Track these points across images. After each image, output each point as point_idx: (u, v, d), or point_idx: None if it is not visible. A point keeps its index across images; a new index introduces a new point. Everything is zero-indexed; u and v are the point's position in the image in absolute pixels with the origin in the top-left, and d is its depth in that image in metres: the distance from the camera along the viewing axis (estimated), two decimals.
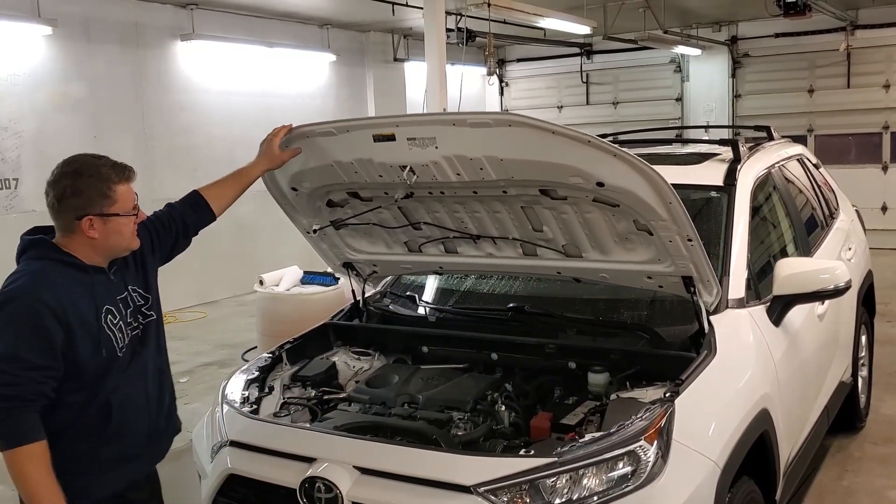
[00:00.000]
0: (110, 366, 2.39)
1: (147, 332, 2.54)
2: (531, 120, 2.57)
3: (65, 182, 2.32)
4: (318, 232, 3.39)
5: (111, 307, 2.41)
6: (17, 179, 8.24)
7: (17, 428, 2.20)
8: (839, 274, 3.31)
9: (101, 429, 2.41)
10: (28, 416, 2.21)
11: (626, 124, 13.20)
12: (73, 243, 2.37)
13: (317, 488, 2.50)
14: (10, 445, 2.20)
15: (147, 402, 2.53)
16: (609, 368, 3.03)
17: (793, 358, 3.41)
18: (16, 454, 2.20)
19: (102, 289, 2.40)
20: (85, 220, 2.32)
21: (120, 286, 2.47)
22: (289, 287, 6.12)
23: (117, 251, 2.43)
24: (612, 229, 2.89)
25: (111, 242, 2.38)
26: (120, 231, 2.38)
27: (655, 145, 5.20)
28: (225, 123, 10.35)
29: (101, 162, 2.38)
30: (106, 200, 2.33)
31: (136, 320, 2.50)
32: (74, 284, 2.33)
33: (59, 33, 8.30)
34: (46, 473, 2.22)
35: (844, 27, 11.81)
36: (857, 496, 4.25)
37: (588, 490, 2.36)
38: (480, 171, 2.77)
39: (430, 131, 2.73)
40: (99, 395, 2.38)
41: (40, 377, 2.23)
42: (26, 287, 2.28)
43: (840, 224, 4.95)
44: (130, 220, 2.40)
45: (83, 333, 2.31)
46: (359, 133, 2.86)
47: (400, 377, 3.21)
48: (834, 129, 12.49)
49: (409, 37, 12.68)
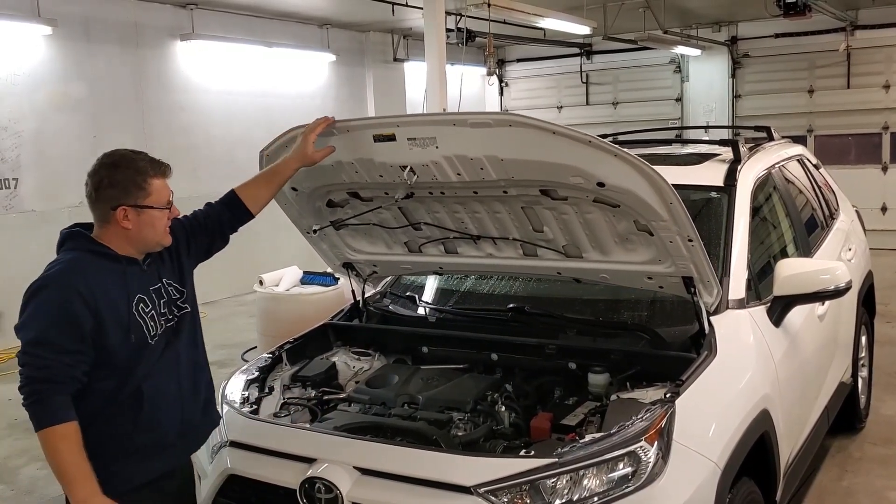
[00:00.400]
0: (141, 353, 2.44)
1: (181, 325, 2.59)
2: (531, 120, 2.57)
3: (102, 173, 2.41)
4: (318, 232, 3.39)
5: (143, 296, 2.46)
6: (17, 179, 8.24)
7: (49, 409, 2.27)
8: (839, 275, 3.31)
9: (133, 416, 2.45)
10: (59, 398, 2.28)
11: (625, 125, 13.18)
12: (108, 234, 2.44)
13: (317, 489, 2.50)
14: (43, 426, 2.27)
15: (180, 392, 2.57)
16: (609, 369, 3.03)
17: (793, 358, 3.41)
18: (48, 434, 2.27)
19: (135, 278, 2.46)
20: (119, 210, 2.39)
21: (153, 277, 2.53)
22: (288, 287, 6.12)
23: (149, 245, 2.49)
24: (613, 230, 2.89)
25: (144, 234, 2.44)
26: (153, 224, 2.44)
27: (655, 146, 5.20)
28: (224, 123, 10.35)
29: (139, 156, 2.47)
30: (141, 192, 2.41)
31: (170, 312, 2.55)
32: (106, 273, 2.40)
33: (59, 33, 8.30)
34: (78, 453, 2.28)
35: (844, 27, 11.82)
36: (857, 497, 4.25)
37: (588, 491, 2.36)
38: (481, 171, 2.77)
39: (431, 131, 2.73)
40: (130, 382, 2.44)
41: (70, 361, 2.30)
42: (59, 275, 2.36)
43: (840, 224, 4.95)
44: (164, 215, 2.47)
45: (113, 320, 2.37)
46: (359, 133, 2.86)
47: (400, 377, 3.21)
48: (834, 129, 12.50)
49: (409, 37, 12.68)
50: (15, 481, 4.94)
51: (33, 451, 5.33)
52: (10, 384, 6.92)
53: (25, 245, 8.17)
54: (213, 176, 10.09)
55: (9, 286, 8.09)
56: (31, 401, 2.29)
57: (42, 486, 4.82)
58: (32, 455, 5.27)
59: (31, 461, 5.19)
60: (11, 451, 5.39)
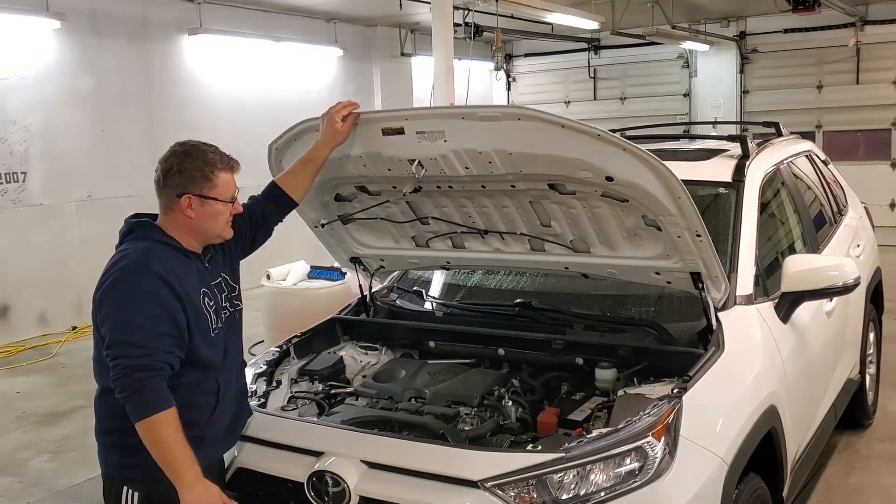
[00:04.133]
0: (211, 347, 2.48)
1: (236, 320, 2.65)
2: (541, 113, 2.57)
3: (172, 160, 2.45)
4: (325, 226, 3.40)
5: (206, 290, 2.51)
6: (26, 173, 8.27)
7: (154, 396, 2.28)
8: (848, 271, 3.30)
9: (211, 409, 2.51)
10: (161, 384, 2.30)
11: (633, 120, 13.16)
12: (172, 223, 2.47)
13: (324, 482, 2.51)
14: (147, 414, 2.27)
15: (235, 387, 2.64)
16: (616, 364, 3.03)
17: (801, 355, 3.40)
18: (154, 421, 2.27)
19: (200, 273, 2.51)
20: (184, 197, 2.43)
21: (215, 272, 2.59)
22: (296, 282, 6.13)
23: (210, 236, 2.53)
24: (621, 224, 2.88)
25: (206, 226, 2.48)
26: (215, 216, 2.48)
27: (663, 141, 5.18)
28: (231, 117, 10.35)
29: (210, 148, 2.51)
30: (207, 183, 2.44)
31: (230, 306, 2.62)
32: (178, 262, 2.43)
33: (67, 27, 8.32)
34: (182, 438, 2.30)
35: (854, 23, 11.75)
36: (865, 493, 4.24)
37: (595, 486, 2.36)
38: (489, 165, 2.77)
39: (440, 125, 2.73)
40: (211, 374, 2.50)
41: (168, 345, 2.33)
42: (139, 262, 2.37)
43: (848, 221, 4.94)
44: (227, 208, 2.51)
45: (192, 310, 2.41)
46: (368, 126, 2.86)
47: (407, 372, 3.22)
48: (842, 125, 12.44)
49: (417, 31, 12.66)
50: (23, 474, 4.97)
51: (41, 444, 5.36)
52: (17, 377, 6.96)
53: (33, 238, 8.21)
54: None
55: (17, 279, 8.17)
56: (134, 390, 2.27)
57: (50, 479, 4.84)
58: (41, 447, 5.30)
59: (40, 453, 5.21)
60: (20, 443, 5.42)
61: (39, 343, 7.99)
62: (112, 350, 2.31)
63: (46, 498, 4.64)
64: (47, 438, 5.43)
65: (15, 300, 8.15)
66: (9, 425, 5.79)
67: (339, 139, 2.88)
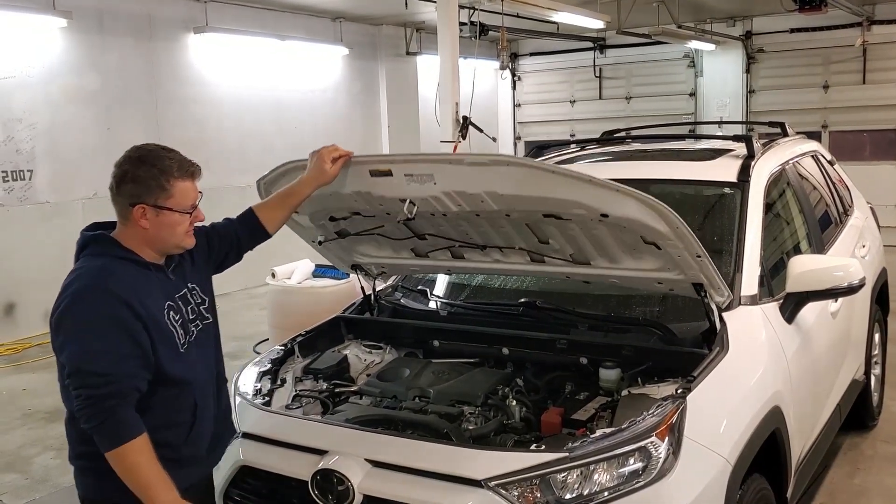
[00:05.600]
0: (180, 363, 2.35)
1: (208, 333, 2.52)
2: (530, 161, 2.62)
3: (126, 167, 2.30)
4: (322, 244, 3.41)
5: (171, 303, 2.38)
6: (32, 171, 8.30)
7: (122, 425, 2.18)
8: (853, 271, 3.29)
9: (188, 428, 2.40)
10: (128, 411, 2.19)
11: (638, 119, 13.17)
12: (128, 234, 2.33)
13: (328, 481, 2.51)
14: (116, 445, 2.18)
15: (214, 404, 2.52)
16: (620, 364, 3.03)
17: (805, 355, 3.39)
18: (125, 451, 2.18)
19: (163, 286, 2.38)
20: (138, 207, 2.28)
21: (179, 284, 2.44)
22: (300, 280, 6.14)
23: (168, 247, 2.38)
24: (620, 242, 2.87)
25: (163, 236, 2.34)
26: (172, 227, 2.33)
27: (669, 140, 5.18)
28: (237, 116, 10.38)
29: (167, 154, 2.34)
30: (162, 193, 2.29)
31: (199, 317, 2.48)
32: (138, 278, 2.30)
33: (74, 26, 8.34)
34: (155, 462, 2.21)
35: (860, 22, 11.71)
36: (869, 494, 4.23)
37: (599, 485, 2.36)
38: (481, 203, 2.79)
39: (428, 168, 2.75)
40: (185, 392, 2.37)
41: (132, 368, 2.21)
42: (94, 282, 2.24)
43: (854, 221, 4.92)
44: (185, 219, 2.35)
45: (154, 328, 2.28)
46: (356, 168, 2.86)
47: (411, 371, 3.22)
48: (849, 125, 12.41)
49: (422, 30, 12.66)
50: (29, 470, 4.99)
51: (47, 441, 5.38)
52: (24, 374, 6.99)
53: (39, 236, 8.24)
54: (225, 169, 10.12)
55: (23, 277, 8.19)
56: (100, 421, 2.17)
57: (55, 476, 4.86)
58: (46, 444, 5.32)
59: (45, 450, 5.23)
60: (25, 440, 5.44)
61: (45, 341, 7.96)
62: (73, 380, 2.20)
63: (52, 495, 4.66)
64: (53, 435, 5.45)
65: (21, 298, 8.18)
66: (14, 422, 5.82)
67: (325, 180, 2.79)
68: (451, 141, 7.83)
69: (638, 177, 4.09)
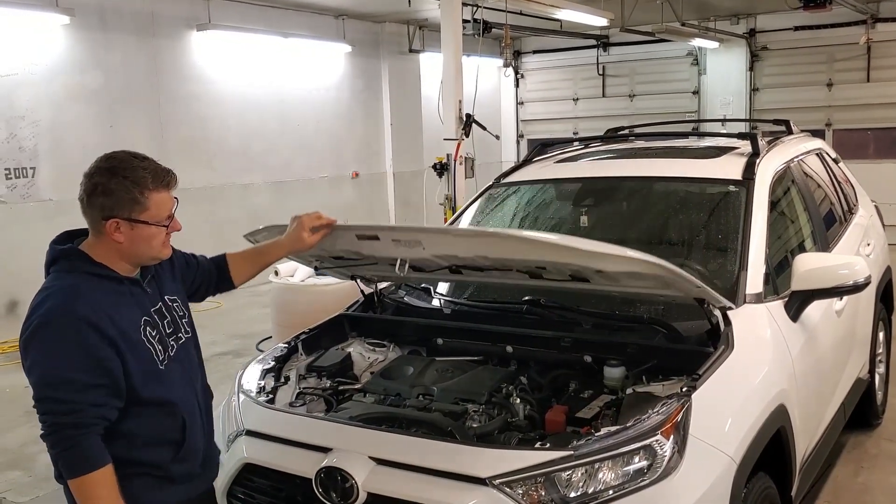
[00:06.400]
0: (164, 382, 2.27)
1: (188, 347, 2.42)
2: (517, 233, 2.63)
3: (97, 178, 2.17)
4: (319, 270, 3.44)
5: (148, 319, 2.27)
6: (34, 168, 8.30)
7: (85, 455, 2.09)
8: (858, 270, 3.28)
9: (177, 447, 2.31)
10: (92, 441, 2.10)
11: (642, 117, 13.16)
12: (100, 247, 2.21)
13: (332, 478, 2.51)
14: (77, 474, 2.10)
15: (201, 420, 2.42)
16: (625, 362, 3.01)
17: (810, 354, 3.38)
18: (85, 481, 2.10)
19: (138, 300, 2.27)
20: (111, 222, 2.16)
21: (155, 297, 2.34)
22: (304, 278, 6.14)
23: (144, 259, 2.28)
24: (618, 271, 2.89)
25: (138, 250, 2.22)
26: (148, 240, 2.21)
27: (673, 138, 5.16)
28: (240, 114, 10.38)
29: (142, 164, 2.20)
30: (137, 206, 2.16)
31: (177, 331, 2.37)
32: (111, 296, 2.18)
33: (77, 23, 8.34)
34: (116, 497, 2.13)
35: (865, 20, 11.69)
36: (873, 493, 4.23)
37: (604, 484, 2.36)
38: (473, 261, 2.85)
39: (415, 236, 2.79)
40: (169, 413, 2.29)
41: (98, 398, 2.10)
42: (61, 305, 2.11)
43: (859, 219, 4.91)
44: (161, 231, 2.23)
45: (127, 346, 2.17)
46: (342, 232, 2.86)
47: (415, 369, 3.21)
48: (853, 123, 12.39)
49: (425, 28, 12.64)
50: (32, 468, 4.99)
51: None
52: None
53: (42, 234, 8.21)
54: (227, 167, 10.14)
55: (25, 274, 8.17)
56: (62, 448, 2.09)
57: None
58: None
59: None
60: (28, 438, 5.44)
61: None
62: (38, 405, 2.12)
63: (55, 492, 4.64)
64: None
65: (24, 295, 8.15)
66: (18, 420, 5.82)
67: (301, 248, 2.76)
68: (453, 139, 7.82)
69: (642, 174, 4.10)
